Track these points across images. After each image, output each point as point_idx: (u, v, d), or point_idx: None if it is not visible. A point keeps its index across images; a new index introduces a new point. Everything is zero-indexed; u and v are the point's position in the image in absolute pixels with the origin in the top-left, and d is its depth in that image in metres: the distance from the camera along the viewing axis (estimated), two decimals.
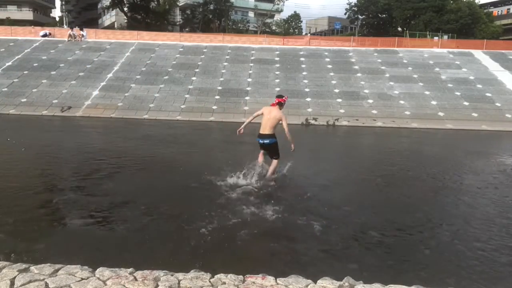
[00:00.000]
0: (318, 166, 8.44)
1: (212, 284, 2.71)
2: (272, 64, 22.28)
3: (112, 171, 7.39)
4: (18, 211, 4.96)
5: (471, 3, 45.72)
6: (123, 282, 2.68)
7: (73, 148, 9.98)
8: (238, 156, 7.61)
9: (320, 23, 70.03)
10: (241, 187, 6.00)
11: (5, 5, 54.31)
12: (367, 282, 2.86)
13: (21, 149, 9.14)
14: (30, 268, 2.84)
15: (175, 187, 6.40)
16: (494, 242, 4.52)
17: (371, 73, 21.16)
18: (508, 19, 60.21)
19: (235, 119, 16.77)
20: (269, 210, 5.12)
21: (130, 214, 5.01)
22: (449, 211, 5.79)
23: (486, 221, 5.28)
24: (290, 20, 61.14)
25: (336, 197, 6.29)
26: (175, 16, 51.48)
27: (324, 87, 19.65)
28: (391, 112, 17.49)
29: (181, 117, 16.75)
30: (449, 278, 3.60)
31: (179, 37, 28.32)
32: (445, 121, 16.90)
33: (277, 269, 3.34)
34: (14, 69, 20.67)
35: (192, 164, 8.19)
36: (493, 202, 6.21)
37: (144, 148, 10.07)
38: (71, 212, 5.02)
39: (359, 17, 53.53)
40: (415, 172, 8.41)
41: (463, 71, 21.67)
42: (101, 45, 24.33)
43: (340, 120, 16.74)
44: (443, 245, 4.47)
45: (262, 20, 52.85)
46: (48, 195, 5.83)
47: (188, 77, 20.43)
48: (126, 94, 18.56)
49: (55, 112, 16.91)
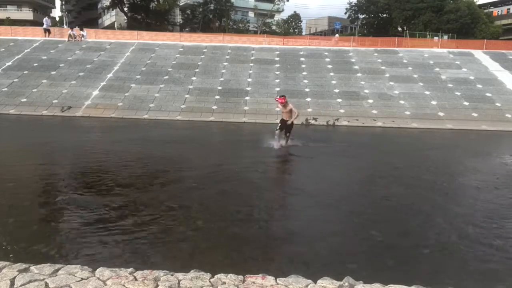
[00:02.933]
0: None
1: (212, 284, 2.71)
2: (272, 64, 22.27)
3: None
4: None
5: (470, 3, 45.73)
6: (123, 282, 2.68)
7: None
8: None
9: (320, 23, 70.01)
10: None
11: (5, 5, 54.36)
12: (367, 282, 2.86)
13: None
14: (30, 268, 2.84)
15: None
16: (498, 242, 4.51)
17: (371, 73, 21.15)
18: (508, 19, 60.24)
19: (235, 119, 16.80)
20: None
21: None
22: (451, 211, 5.79)
23: (488, 220, 5.28)
24: (290, 20, 61.19)
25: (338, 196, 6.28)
26: (175, 16, 51.50)
27: (324, 87, 19.64)
28: (391, 112, 17.48)
29: (181, 117, 16.74)
30: (449, 278, 3.59)
31: (179, 37, 28.35)
32: (445, 121, 16.89)
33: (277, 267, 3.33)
34: (14, 69, 20.66)
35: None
36: (495, 203, 6.21)
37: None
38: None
39: (359, 17, 53.50)
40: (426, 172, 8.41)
41: (463, 71, 21.66)
42: (101, 45, 24.32)
43: (340, 120, 16.74)
44: (443, 245, 4.46)
45: (262, 20, 52.84)
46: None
47: (188, 77, 20.42)
48: (126, 94, 18.55)
49: (55, 112, 16.90)
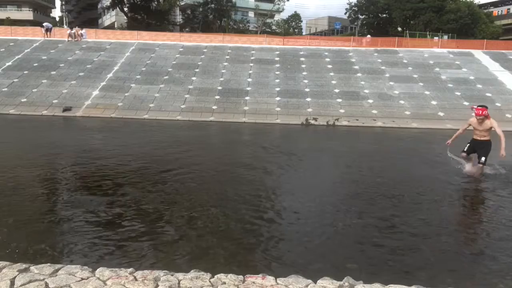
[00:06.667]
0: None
1: (212, 284, 2.71)
2: (272, 64, 22.27)
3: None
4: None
5: (470, 3, 45.74)
6: (123, 282, 2.68)
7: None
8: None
9: (320, 23, 69.98)
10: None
11: (5, 5, 54.34)
12: (367, 282, 2.86)
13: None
14: (30, 268, 2.84)
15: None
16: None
17: (371, 73, 21.15)
18: (508, 19, 60.21)
19: (235, 119, 16.80)
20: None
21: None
22: (451, 212, 5.79)
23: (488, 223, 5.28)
24: (290, 20, 61.20)
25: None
26: (175, 16, 51.51)
27: (324, 87, 19.64)
28: (391, 112, 17.48)
29: (181, 117, 16.74)
30: (449, 278, 3.59)
31: (179, 37, 28.38)
32: (445, 121, 16.88)
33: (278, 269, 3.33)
34: (14, 69, 20.67)
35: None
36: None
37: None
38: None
39: (359, 17, 53.48)
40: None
41: (463, 71, 21.66)
42: (101, 45, 24.32)
43: (340, 120, 16.74)
44: (443, 245, 4.46)
45: (262, 20, 52.83)
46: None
47: (188, 77, 20.43)
48: (126, 94, 18.55)
49: (55, 112, 16.90)
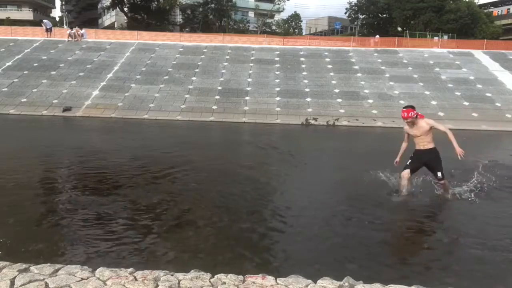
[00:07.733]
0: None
1: (212, 284, 2.71)
2: (272, 64, 22.27)
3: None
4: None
5: (470, 3, 45.74)
6: (123, 282, 2.68)
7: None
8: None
9: (320, 23, 69.96)
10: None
11: (5, 5, 54.35)
12: (367, 282, 2.86)
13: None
14: (30, 268, 2.84)
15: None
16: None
17: (371, 73, 21.14)
18: (508, 19, 60.21)
19: (235, 119, 16.81)
20: None
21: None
22: (452, 212, 5.79)
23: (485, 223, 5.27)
24: (290, 20, 61.13)
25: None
26: (175, 16, 51.49)
27: (324, 87, 19.64)
28: (391, 112, 17.46)
29: (181, 117, 16.74)
30: (449, 278, 3.59)
31: (179, 37, 28.37)
32: (445, 121, 16.83)
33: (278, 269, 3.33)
34: (14, 69, 20.66)
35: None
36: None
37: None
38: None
39: (359, 17, 53.49)
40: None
41: (463, 71, 21.65)
42: (101, 45, 24.32)
43: (340, 120, 16.73)
44: (444, 245, 4.46)
45: (263, 20, 52.80)
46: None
47: (188, 77, 20.42)
48: (126, 94, 18.55)
49: (55, 112, 16.90)
